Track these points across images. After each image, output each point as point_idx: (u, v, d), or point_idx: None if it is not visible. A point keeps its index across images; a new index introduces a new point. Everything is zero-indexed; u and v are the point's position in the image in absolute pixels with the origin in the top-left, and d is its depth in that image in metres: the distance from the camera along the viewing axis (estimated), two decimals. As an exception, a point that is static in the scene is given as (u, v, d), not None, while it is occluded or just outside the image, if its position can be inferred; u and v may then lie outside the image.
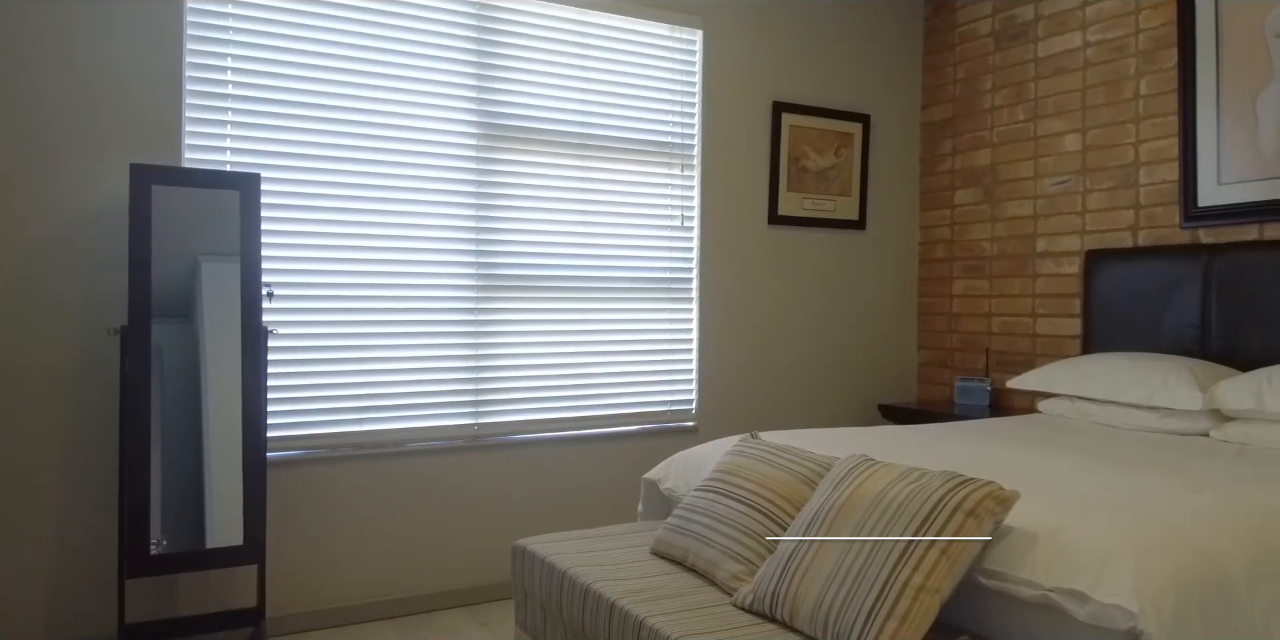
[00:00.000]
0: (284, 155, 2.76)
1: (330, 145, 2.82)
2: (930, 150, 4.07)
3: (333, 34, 2.82)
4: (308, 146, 2.79)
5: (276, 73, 2.74)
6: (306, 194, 2.79)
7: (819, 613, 1.54)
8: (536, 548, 2.11)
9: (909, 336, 4.11)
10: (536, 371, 3.19)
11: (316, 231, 2.82)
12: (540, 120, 3.17)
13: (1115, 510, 1.58)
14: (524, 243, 3.16)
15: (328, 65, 2.81)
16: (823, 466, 1.96)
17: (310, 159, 2.79)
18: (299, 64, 2.77)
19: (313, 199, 2.80)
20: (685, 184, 3.50)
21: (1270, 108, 2.84)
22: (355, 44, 2.85)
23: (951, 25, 3.97)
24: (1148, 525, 1.49)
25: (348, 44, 2.84)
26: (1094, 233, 3.36)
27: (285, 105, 2.75)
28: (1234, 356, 2.80)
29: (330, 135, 2.82)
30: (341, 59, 2.83)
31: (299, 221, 2.79)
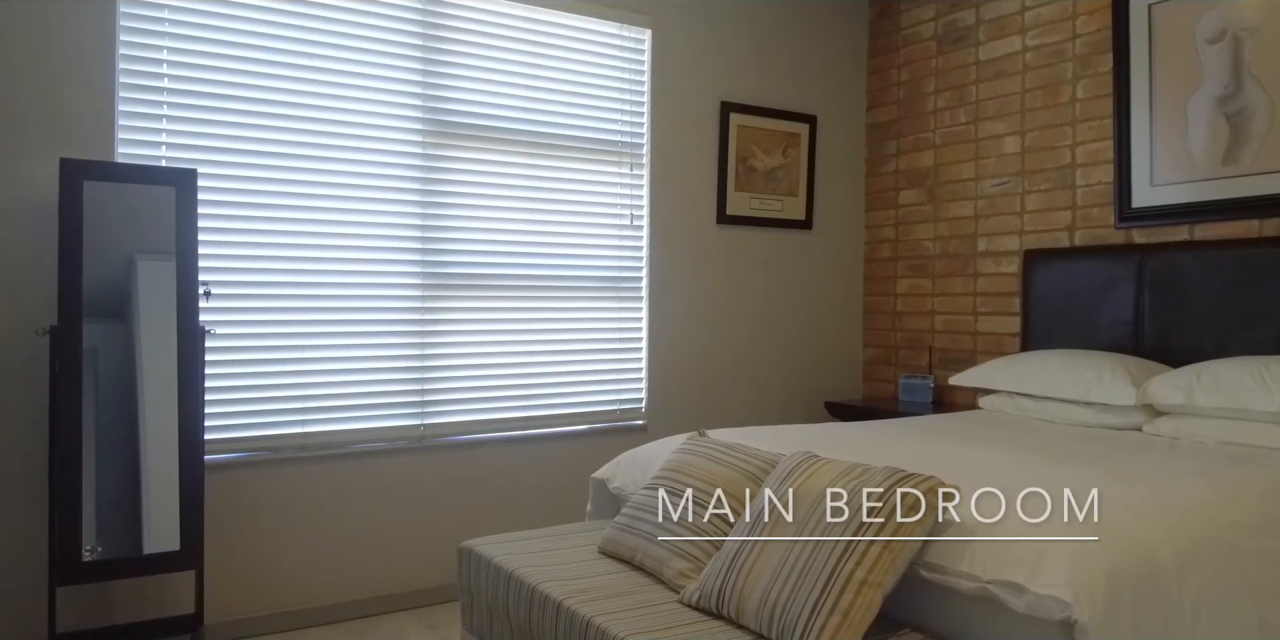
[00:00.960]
0: (222, 151, 2.69)
1: (270, 141, 2.76)
2: (875, 151, 4.13)
3: (273, 27, 2.76)
4: (247, 142, 2.72)
5: (214, 66, 2.67)
6: (245, 190, 2.73)
7: (764, 608, 1.55)
8: (483, 549, 2.09)
9: (855, 335, 4.17)
10: (484, 371, 3.16)
11: (256, 229, 2.75)
12: (488, 117, 3.15)
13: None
14: (471, 241, 3.13)
15: (268, 58, 2.75)
16: (769, 463, 1.98)
17: (249, 155, 2.73)
18: (237, 57, 2.70)
19: (252, 195, 2.74)
20: (635, 183, 3.50)
21: (1200, 112, 2.93)
22: (296, 37, 2.79)
23: (895, 28, 4.03)
24: (1082, 517, 1.53)
25: (288, 37, 2.78)
26: (1032, 233, 3.44)
27: (223, 99, 2.69)
28: (1166, 353, 2.89)
29: (270, 130, 2.76)
30: (282, 53, 2.77)
31: (238, 218, 2.72)
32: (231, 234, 2.71)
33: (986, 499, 1.65)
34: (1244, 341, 2.70)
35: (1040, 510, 1.57)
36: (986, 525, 1.54)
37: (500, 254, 3.19)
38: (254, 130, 2.73)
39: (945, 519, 1.60)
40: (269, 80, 2.75)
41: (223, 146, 2.69)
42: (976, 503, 1.63)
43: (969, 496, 1.67)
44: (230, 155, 2.70)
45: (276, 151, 2.77)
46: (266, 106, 2.75)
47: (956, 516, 1.59)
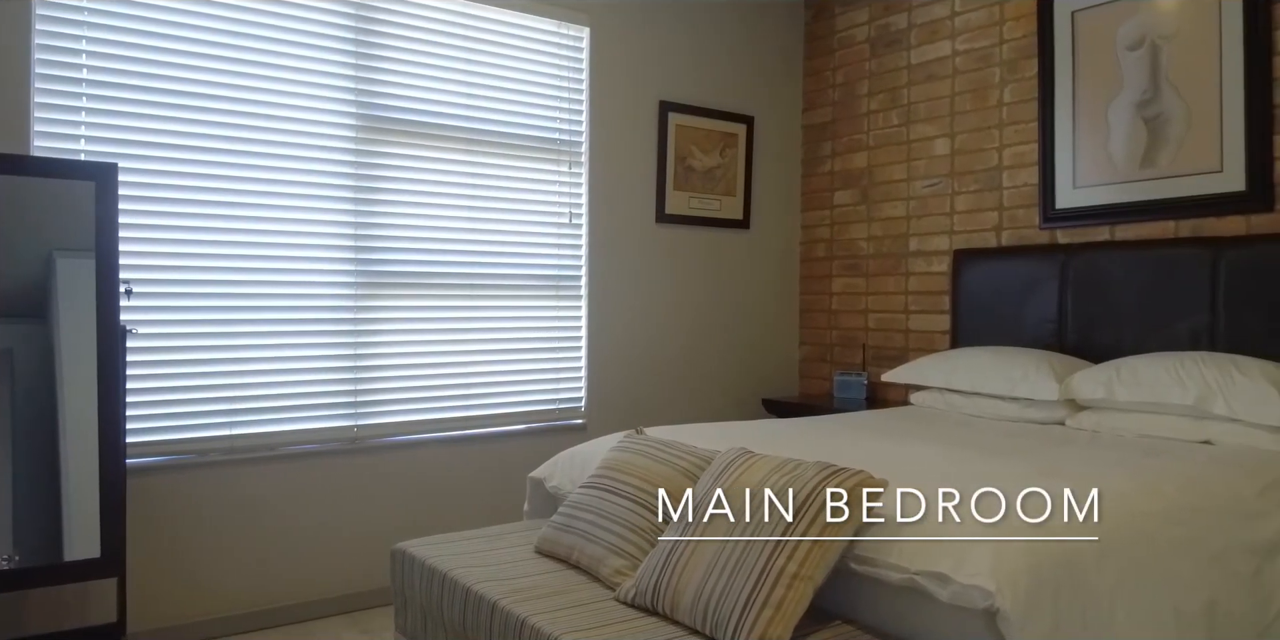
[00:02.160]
0: (145, 145, 2.61)
1: (196, 134, 2.68)
2: (811, 152, 4.19)
3: (199, 18, 2.68)
4: (171, 136, 2.64)
5: (136, 58, 2.59)
6: (170, 186, 2.65)
7: (698, 604, 1.56)
8: (416, 550, 2.06)
9: (791, 333, 4.22)
10: (420, 371, 3.12)
11: (181, 226, 2.67)
12: (423, 113, 3.11)
13: (975, 495, 1.65)
14: (406, 239, 3.08)
15: (193, 50, 2.67)
16: (704, 460, 1.99)
17: (174, 149, 2.65)
18: (161, 49, 2.62)
19: (177, 191, 2.66)
20: (573, 181, 3.49)
21: (1120, 116, 3.04)
22: (223, 29, 2.72)
23: (831, 31, 4.09)
24: (1005, 509, 1.57)
25: (215, 29, 2.70)
26: (962, 233, 3.52)
27: (146, 92, 2.60)
28: (1088, 350, 2.99)
29: (196, 124, 2.68)
30: (208, 44, 2.69)
31: (162, 215, 2.64)
32: (155, 230, 2.63)
33: (914, 493, 1.68)
34: (1161, 338, 2.81)
35: (965, 503, 1.60)
36: (914, 518, 1.57)
37: (437, 252, 3.15)
38: (179, 124, 2.65)
39: (875, 513, 1.63)
40: (195, 73, 2.67)
41: (146, 141, 2.61)
42: (905, 497, 1.66)
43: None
44: (154, 149, 2.62)
45: (203, 146, 2.69)
46: (192, 100, 2.67)
47: (886, 510, 1.62)
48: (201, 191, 2.70)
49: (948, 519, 1.54)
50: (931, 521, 1.55)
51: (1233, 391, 2.28)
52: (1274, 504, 1.93)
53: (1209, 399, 2.30)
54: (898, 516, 1.59)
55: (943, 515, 1.56)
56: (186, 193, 2.67)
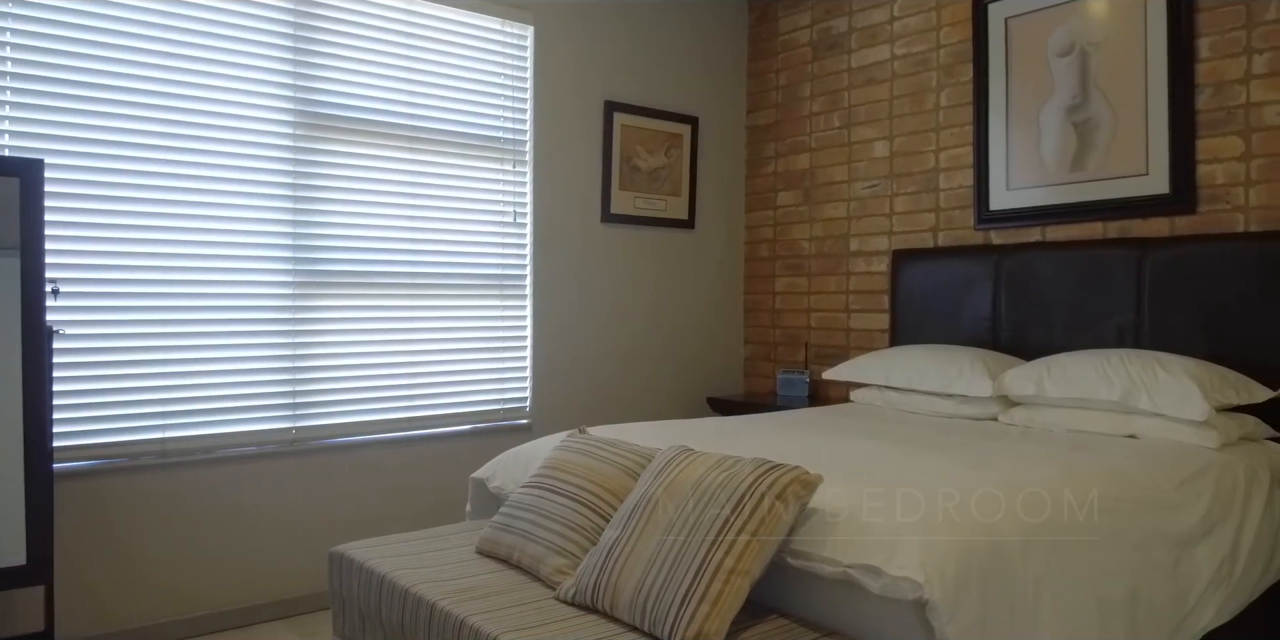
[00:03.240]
0: (73, 140, 2.53)
1: (126, 130, 2.61)
2: (755, 153, 4.23)
3: (129, 10, 2.61)
4: (101, 131, 2.57)
5: (64, 50, 2.51)
6: (99, 182, 2.58)
7: (637, 600, 1.57)
8: (355, 553, 2.04)
9: (736, 332, 4.26)
10: (362, 371, 3.08)
11: (111, 223, 2.60)
12: (364, 111, 3.07)
13: (908, 490, 1.69)
14: (347, 237, 3.04)
15: (124, 43, 2.60)
16: (646, 458, 2.00)
17: (104, 144, 2.58)
18: (90, 42, 2.55)
19: (107, 188, 2.59)
20: (518, 180, 3.48)
21: (1051, 120, 3.12)
22: (155, 22, 2.65)
23: (774, 34, 4.14)
24: (935, 502, 1.61)
25: (146, 22, 2.64)
26: (900, 233, 3.59)
27: (74, 86, 2.53)
28: (1021, 347, 3.07)
29: (126, 119, 2.61)
30: (140, 37, 2.63)
31: (91, 212, 2.57)
32: (85, 228, 2.56)
33: (849, 487, 1.72)
34: (1089, 336, 2.90)
35: (898, 497, 1.64)
36: (848, 512, 1.60)
37: (379, 251, 3.12)
38: (108, 119, 2.58)
39: (810, 508, 1.66)
40: (126, 66, 2.61)
41: (74, 136, 2.53)
42: (840, 491, 1.70)
43: (834, 485, 1.74)
44: (82, 145, 2.55)
45: (133, 142, 2.63)
46: (122, 94, 2.60)
47: (821, 505, 1.65)
48: (133, 188, 2.63)
49: (880, 513, 1.58)
50: (865, 516, 1.58)
51: (1156, 387, 2.36)
52: (1193, 496, 2.00)
53: (1133, 395, 2.38)
54: (833, 511, 1.62)
55: (876, 509, 1.59)
56: (117, 190, 2.60)
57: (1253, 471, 2.22)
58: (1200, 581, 1.92)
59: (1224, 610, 1.98)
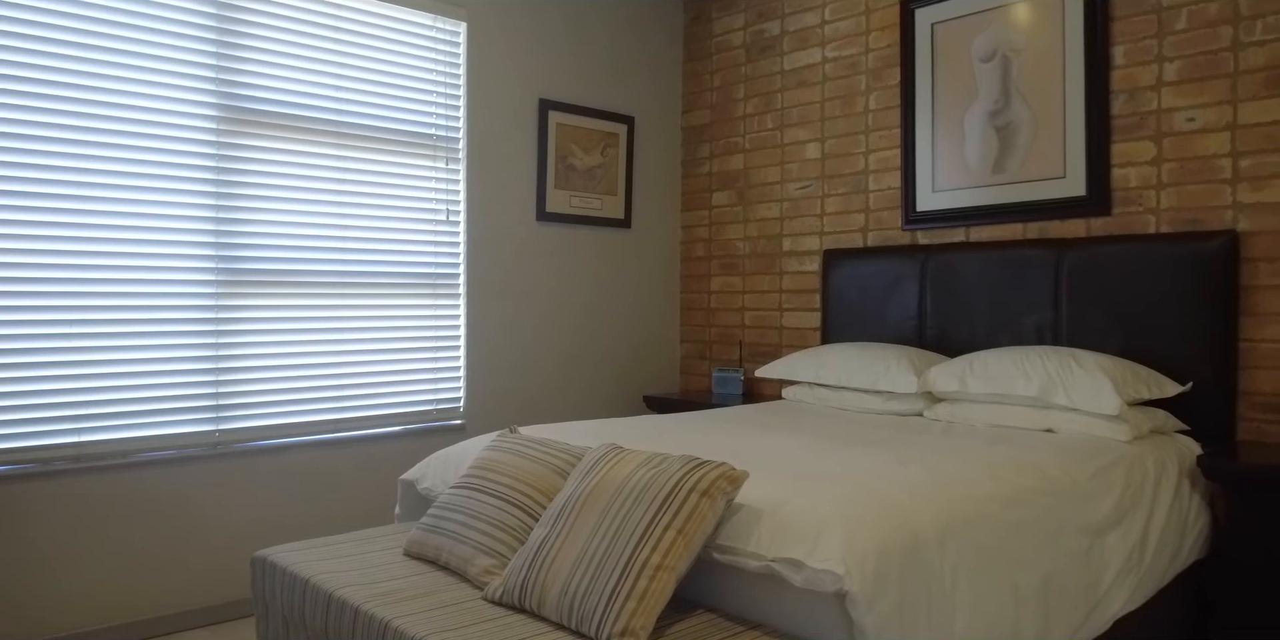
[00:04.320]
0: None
1: (35, 123, 2.51)
2: (690, 153, 4.26)
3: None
4: (7, 124, 2.47)
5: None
6: (7, 177, 2.47)
7: (564, 599, 1.57)
8: (278, 557, 1.99)
9: (672, 330, 4.28)
10: (289, 372, 3.01)
11: (18, 220, 2.50)
12: (291, 105, 3.00)
13: (831, 484, 1.72)
14: (273, 235, 2.97)
15: (32, 33, 2.50)
16: (576, 457, 2.00)
17: (10, 137, 2.47)
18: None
19: (17, 183, 2.48)
20: (450, 178, 3.44)
21: (975, 124, 3.21)
22: (67, 11, 2.55)
23: (709, 35, 4.17)
24: (857, 497, 1.64)
25: (56, 10, 2.54)
26: (831, 234, 3.65)
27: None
28: (945, 345, 3.15)
29: (35, 112, 2.51)
30: (49, 27, 2.53)
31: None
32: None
33: (775, 482, 1.74)
34: (1010, 333, 2.99)
35: (822, 491, 1.67)
36: (773, 507, 1.62)
37: (306, 249, 3.05)
38: (14, 111, 2.48)
39: (737, 503, 1.68)
40: (34, 57, 2.50)
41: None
42: (766, 486, 1.72)
43: (760, 481, 1.76)
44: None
45: (44, 136, 2.52)
46: (30, 86, 2.50)
47: (747, 500, 1.67)
48: (45, 184, 2.53)
49: (804, 508, 1.60)
50: (789, 510, 1.60)
51: (1072, 383, 2.44)
52: (1105, 487, 2.08)
53: (1051, 390, 2.46)
54: (758, 506, 1.64)
55: (800, 504, 1.61)
56: (23, 185, 2.50)
57: (1162, 463, 2.31)
58: (1112, 569, 1.99)
59: (1135, 596, 2.06)
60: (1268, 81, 2.57)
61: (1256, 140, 2.60)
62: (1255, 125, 2.60)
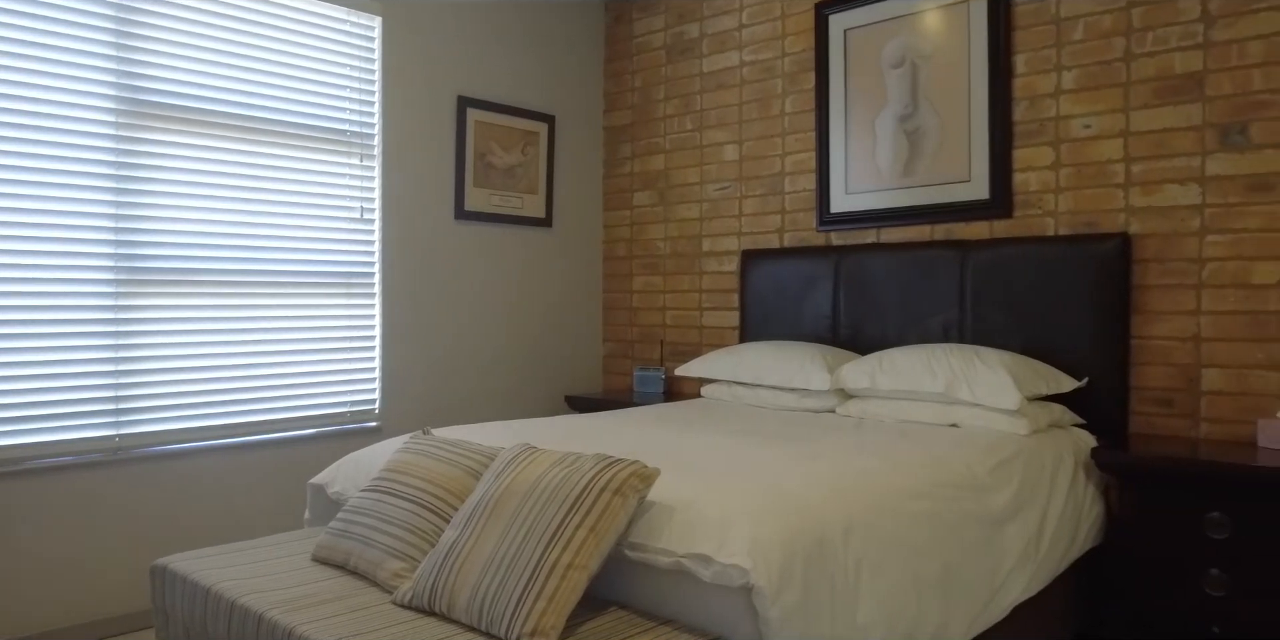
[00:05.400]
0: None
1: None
2: (612, 153, 4.27)
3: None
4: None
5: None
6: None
7: (475, 600, 1.56)
8: (179, 565, 1.93)
9: (595, 330, 4.28)
10: (195, 374, 2.92)
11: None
12: (197, 99, 2.91)
13: (741, 480, 1.75)
14: (178, 232, 2.87)
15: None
16: (489, 457, 1.99)
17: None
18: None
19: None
20: (365, 175, 3.38)
21: (886, 129, 3.30)
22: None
23: (629, 35, 4.18)
24: (765, 492, 1.67)
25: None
26: (749, 234, 3.71)
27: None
28: (858, 343, 3.23)
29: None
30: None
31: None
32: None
33: (687, 479, 1.76)
34: (919, 331, 3.08)
35: (732, 487, 1.70)
36: (684, 504, 1.64)
37: (213, 247, 2.96)
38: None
39: (649, 501, 1.69)
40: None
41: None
42: (678, 484, 1.74)
43: (672, 478, 1.78)
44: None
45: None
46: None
47: (659, 498, 1.69)
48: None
49: (714, 503, 1.62)
50: (699, 506, 1.62)
51: (975, 379, 2.53)
52: (1004, 479, 2.16)
53: (955, 386, 2.55)
54: (670, 503, 1.66)
55: (710, 500, 1.64)
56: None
57: (1059, 456, 2.41)
58: (1010, 558, 2.07)
59: (1032, 584, 2.15)
60: (1157, 91, 2.71)
61: (1147, 147, 2.73)
62: (1146, 132, 2.73)
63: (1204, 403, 2.62)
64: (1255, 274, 2.54)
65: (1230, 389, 2.57)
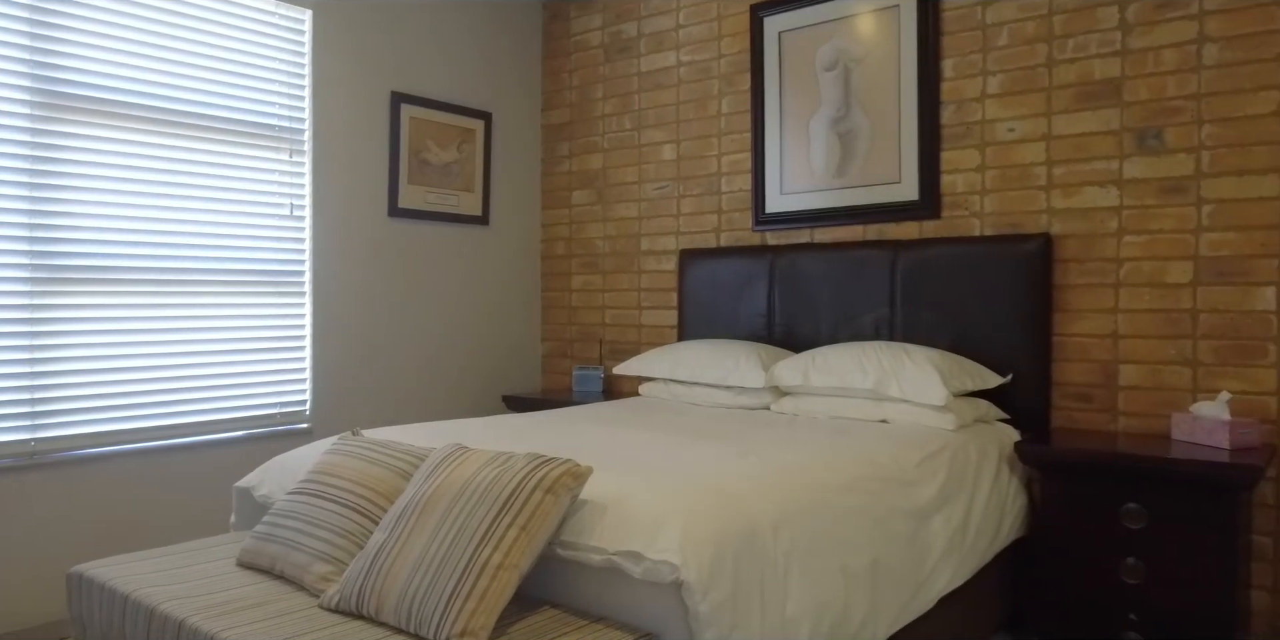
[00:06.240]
0: None
1: None
2: (550, 152, 4.25)
3: None
4: None
5: None
6: None
7: (403, 603, 1.54)
8: (96, 572, 1.87)
9: (534, 329, 4.26)
10: (116, 376, 2.82)
11: None
12: (117, 90, 2.81)
13: (674, 477, 1.76)
14: (97, 229, 2.78)
15: None
16: (420, 458, 1.96)
17: None
18: None
19: None
20: (295, 171, 3.31)
21: (819, 130, 3.34)
22: None
23: (567, 34, 4.17)
24: (697, 488, 1.69)
25: None
26: (687, 234, 3.73)
27: None
28: (792, 341, 3.27)
29: None
30: None
31: None
32: None
33: (620, 477, 1.76)
34: (851, 329, 3.13)
35: (664, 484, 1.70)
36: (617, 502, 1.64)
37: (136, 244, 2.87)
38: None
39: (581, 499, 1.69)
40: None
41: None
42: (611, 481, 1.74)
43: (605, 475, 1.78)
44: None
45: None
46: None
47: (591, 496, 1.69)
48: None
49: (646, 500, 1.63)
50: (632, 504, 1.63)
51: (904, 375, 2.58)
52: (930, 473, 2.21)
53: (885, 383, 2.60)
54: (602, 501, 1.66)
55: (642, 497, 1.64)
56: None
57: (984, 450, 2.48)
58: (936, 550, 2.12)
59: (957, 575, 2.20)
60: (1077, 96, 2.80)
61: (1067, 150, 2.82)
62: (1067, 136, 2.82)
63: (1121, 397, 2.71)
64: (1169, 273, 2.64)
65: (1146, 384, 2.67)
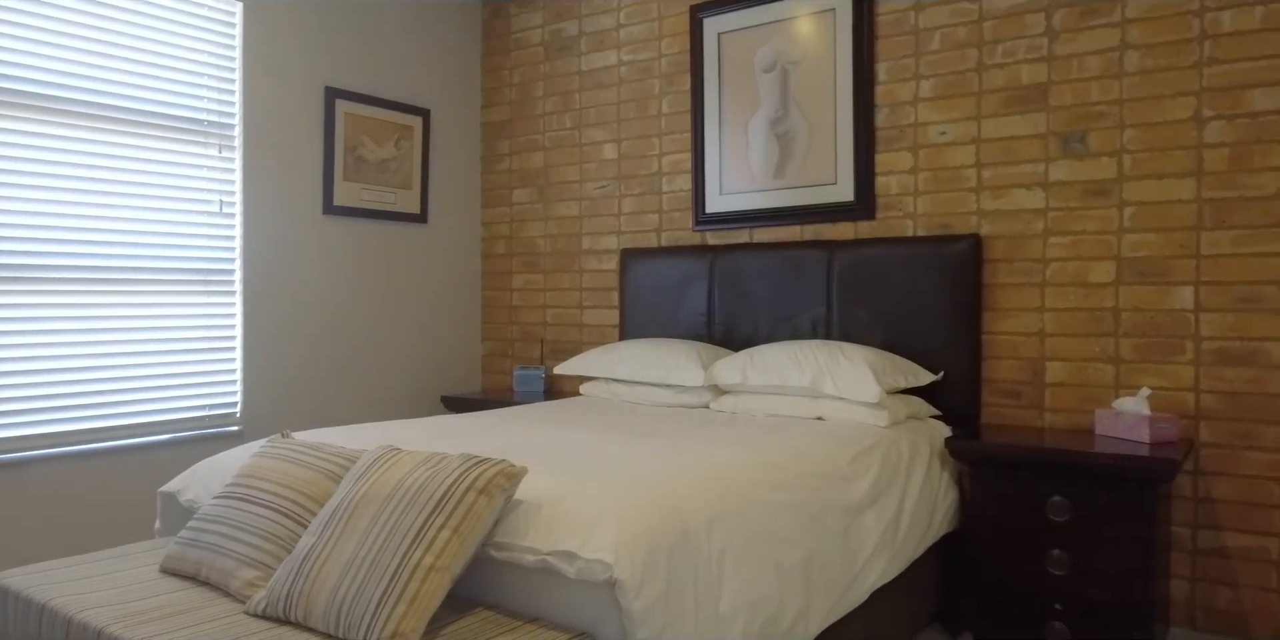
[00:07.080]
0: None
1: None
2: (490, 149, 4.22)
3: None
4: None
5: None
6: None
7: (332, 607, 1.51)
8: (11, 581, 1.80)
9: (473, 329, 4.22)
10: (37, 377, 2.72)
11: None
12: (38, 84, 2.71)
13: (610, 477, 1.76)
14: (14, 226, 2.67)
15: None
16: (351, 460, 1.93)
17: None
18: None
19: None
20: (225, 167, 3.22)
21: (758, 131, 3.37)
22: None
23: (507, 31, 4.14)
24: (632, 487, 1.69)
25: None
26: (628, 233, 3.73)
27: None
28: (732, 339, 3.30)
29: None
30: None
31: None
32: None
33: (555, 477, 1.76)
34: (788, 328, 3.17)
35: (599, 483, 1.70)
36: (550, 502, 1.64)
37: (57, 241, 2.76)
38: None
39: (516, 499, 1.68)
40: None
41: None
42: (546, 481, 1.73)
43: (540, 475, 1.77)
44: None
45: None
46: None
47: (525, 496, 1.68)
48: None
49: (581, 500, 1.62)
50: (566, 503, 1.62)
51: (838, 373, 2.62)
52: (863, 469, 2.24)
53: (820, 381, 2.63)
54: (536, 501, 1.65)
55: (577, 497, 1.64)
56: None
57: (916, 446, 2.53)
58: (868, 545, 2.15)
59: (890, 569, 2.24)
60: (1006, 101, 2.87)
61: (996, 153, 2.89)
62: (995, 140, 2.89)
63: (1048, 394, 2.79)
64: (1092, 273, 2.73)
65: (1071, 381, 2.76)
